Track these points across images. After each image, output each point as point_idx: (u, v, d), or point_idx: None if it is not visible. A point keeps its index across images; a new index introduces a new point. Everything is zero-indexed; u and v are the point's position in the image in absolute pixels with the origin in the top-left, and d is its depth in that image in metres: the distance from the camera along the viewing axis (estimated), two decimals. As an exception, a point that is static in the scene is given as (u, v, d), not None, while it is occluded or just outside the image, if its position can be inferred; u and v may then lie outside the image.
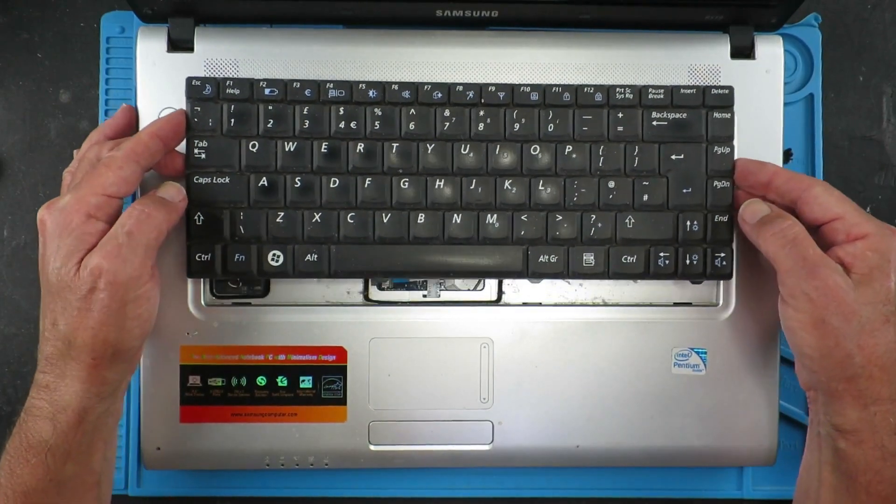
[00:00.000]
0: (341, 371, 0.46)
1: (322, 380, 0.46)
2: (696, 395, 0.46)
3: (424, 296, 0.47)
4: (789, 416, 0.49)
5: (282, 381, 0.46)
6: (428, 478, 0.50)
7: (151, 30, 0.45)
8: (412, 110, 0.45)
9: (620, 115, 0.45)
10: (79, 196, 0.39)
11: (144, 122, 0.45)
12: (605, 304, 0.47)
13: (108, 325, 0.38)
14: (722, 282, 0.47)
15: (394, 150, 0.45)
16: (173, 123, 0.43)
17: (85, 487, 0.39)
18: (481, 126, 0.45)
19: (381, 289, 0.47)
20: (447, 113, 0.45)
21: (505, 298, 0.48)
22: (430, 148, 0.45)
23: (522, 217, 0.45)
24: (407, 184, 0.45)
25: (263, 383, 0.46)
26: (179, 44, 0.45)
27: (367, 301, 0.47)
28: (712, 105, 0.46)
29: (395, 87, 0.45)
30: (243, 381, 0.46)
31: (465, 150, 0.45)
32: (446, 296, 0.48)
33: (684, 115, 0.46)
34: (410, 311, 0.46)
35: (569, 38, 0.46)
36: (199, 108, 0.44)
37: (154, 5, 0.44)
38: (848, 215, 0.40)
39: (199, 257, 0.44)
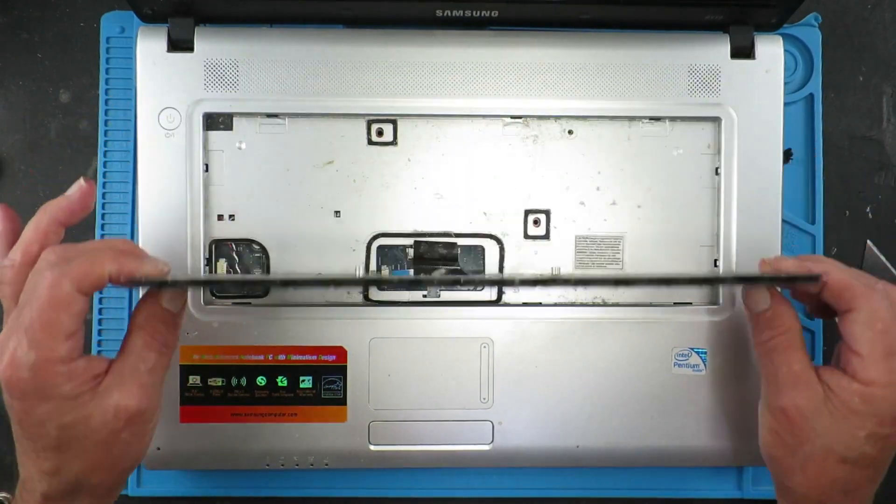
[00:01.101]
0: (341, 371, 0.46)
1: (322, 380, 0.46)
2: (696, 395, 0.46)
3: (424, 296, 0.47)
4: (789, 416, 0.50)
5: (282, 381, 0.46)
6: (428, 478, 0.50)
7: (151, 30, 0.45)
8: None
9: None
10: (37, 343, 0.33)
11: (142, 125, 0.45)
12: (605, 304, 0.47)
13: (128, 457, 0.38)
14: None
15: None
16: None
17: None
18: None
19: (381, 289, 0.47)
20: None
21: (505, 298, 0.48)
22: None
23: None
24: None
25: (263, 383, 0.46)
26: (179, 44, 0.45)
27: (367, 301, 0.47)
28: None
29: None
30: (243, 381, 0.46)
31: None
32: (446, 296, 0.48)
33: None
34: (410, 311, 0.46)
35: (569, 38, 0.46)
36: None
37: (154, 5, 0.44)
38: (869, 358, 0.37)
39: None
